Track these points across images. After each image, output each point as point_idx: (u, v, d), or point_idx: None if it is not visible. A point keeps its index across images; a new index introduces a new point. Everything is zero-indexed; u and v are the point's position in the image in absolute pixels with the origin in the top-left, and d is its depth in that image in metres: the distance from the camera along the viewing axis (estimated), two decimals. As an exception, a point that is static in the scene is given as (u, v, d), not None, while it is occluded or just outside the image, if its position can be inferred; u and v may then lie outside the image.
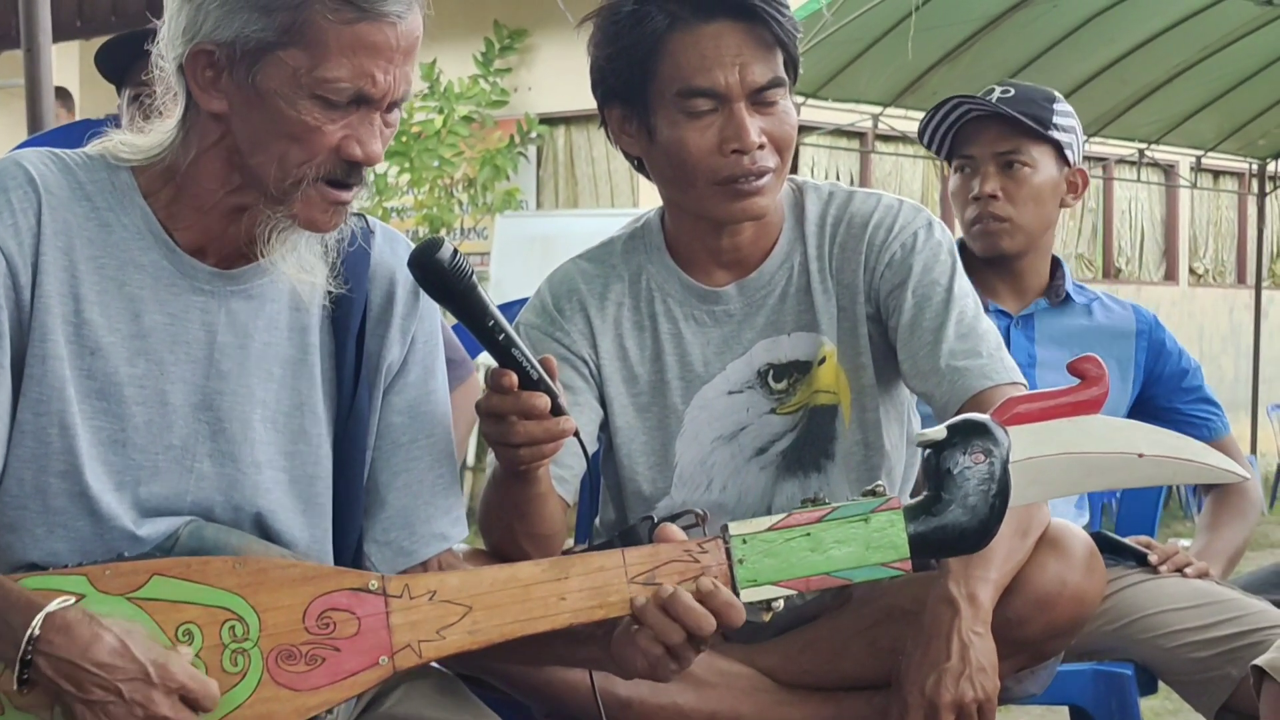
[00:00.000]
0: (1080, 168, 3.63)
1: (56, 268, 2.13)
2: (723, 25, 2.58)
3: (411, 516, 2.33)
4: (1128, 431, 2.31)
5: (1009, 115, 3.50)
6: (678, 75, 2.59)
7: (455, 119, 14.04)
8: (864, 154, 14.73)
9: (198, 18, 2.11)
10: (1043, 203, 3.54)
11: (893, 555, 2.16)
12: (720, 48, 2.58)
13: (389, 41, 2.11)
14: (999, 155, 3.53)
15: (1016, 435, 2.20)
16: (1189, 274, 17.81)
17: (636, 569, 2.13)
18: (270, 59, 2.09)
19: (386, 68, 2.11)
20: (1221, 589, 3.32)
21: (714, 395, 2.72)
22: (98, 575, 2.02)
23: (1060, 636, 2.65)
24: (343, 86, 2.10)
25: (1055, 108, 3.56)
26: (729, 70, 2.57)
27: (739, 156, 2.58)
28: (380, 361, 2.31)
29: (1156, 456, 2.28)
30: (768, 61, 2.59)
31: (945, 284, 2.65)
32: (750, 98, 2.59)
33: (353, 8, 2.08)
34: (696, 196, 2.65)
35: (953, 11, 10.84)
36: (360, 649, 2.07)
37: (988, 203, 3.50)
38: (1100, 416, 2.26)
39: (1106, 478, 2.30)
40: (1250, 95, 13.56)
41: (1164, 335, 3.65)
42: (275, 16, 2.08)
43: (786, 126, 2.62)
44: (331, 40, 2.08)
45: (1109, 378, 2.26)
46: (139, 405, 2.16)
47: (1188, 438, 2.36)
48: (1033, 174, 3.52)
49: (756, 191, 2.61)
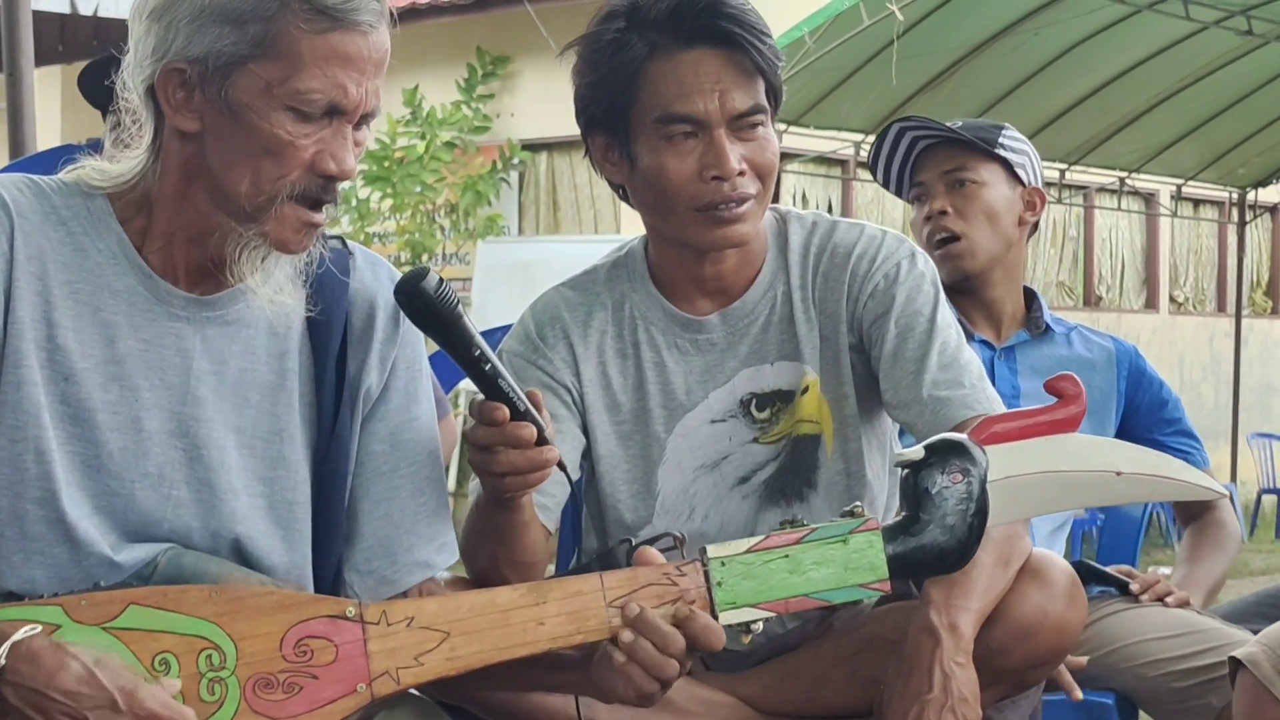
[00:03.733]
0: (1037, 188, 3.63)
1: (30, 293, 2.13)
2: (702, 52, 2.58)
3: (393, 545, 2.32)
4: (1106, 450, 2.32)
5: (955, 137, 3.53)
6: (658, 102, 2.60)
7: (438, 145, 14.05)
8: (845, 181, 14.75)
9: (168, 36, 2.11)
10: (996, 219, 3.54)
11: (871, 576, 2.16)
12: (700, 75, 2.58)
13: (361, 51, 2.12)
14: (946, 174, 3.54)
15: (994, 454, 2.20)
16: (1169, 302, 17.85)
17: (615, 593, 2.13)
18: (242, 73, 2.10)
19: (358, 79, 2.12)
20: (1202, 618, 3.33)
21: (696, 424, 2.72)
22: (73, 605, 2.01)
23: (1042, 666, 2.65)
24: (316, 98, 2.10)
25: (1004, 133, 3.59)
26: (708, 97, 2.58)
27: (719, 183, 2.59)
28: (359, 386, 2.30)
29: (1134, 474, 2.28)
30: (748, 88, 2.59)
31: (928, 314, 2.66)
32: (730, 124, 2.59)
33: (326, 17, 2.10)
34: (678, 223, 2.65)
35: (934, 40, 10.87)
36: (338, 676, 2.06)
37: (938, 219, 3.52)
38: (1078, 435, 2.26)
39: (1085, 496, 2.30)
40: (1230, 124, 13.61)
41: (1144, 365, 3.66)
42: (247, 29, 2.09)
43: (768, 154, 2.63)
44: (304, 51, 2.09)
45: (1086, 396, 2.26)
46: (113, 431, 2.15)
47: (1165, 455, 2.38)
48: (981, 189, 3.53)
49: (737, 218, 2.61)
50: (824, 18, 10.36)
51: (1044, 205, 3.65)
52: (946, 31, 10.97)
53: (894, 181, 3.65)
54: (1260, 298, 18.77)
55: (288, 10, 2.09)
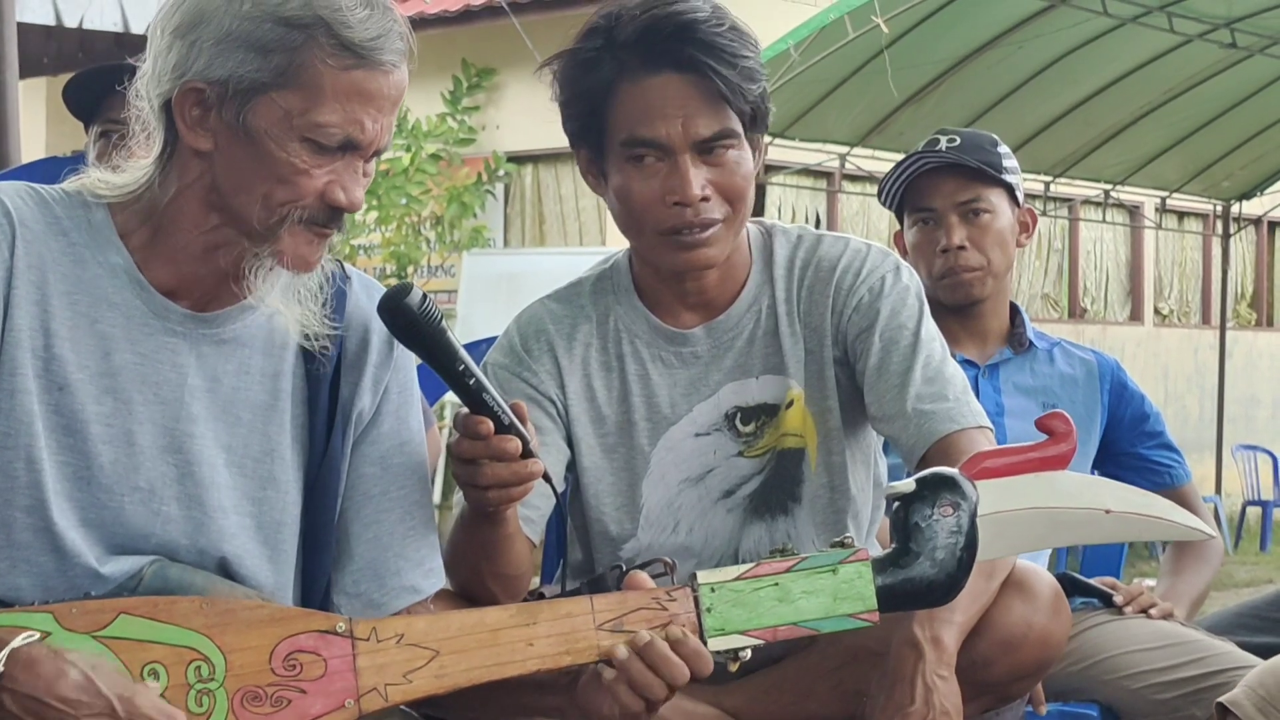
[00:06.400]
0: (1029, 207, 3.64)
1: (29, 302, 2.13)
2: (668, 77, 2.57)
3: (381, 569, 2.33)
4: (1095, 487, 2.33)
5: (966, 164, 3.51)
6: (624, 124, 2.60)
7: (423, 157, 14.03)
8: (831, 194, 14.76)
9: (190, 55, 2.12)
10: (1006, 246, 3.55)
11: (860, 606, 2.16)
12: (664, 99, 2.57)
13: (381, 90, 2.14)
14: (961, 205, 3.52)
15: (984, 489, 2.21)
16: (1154, 314, 17.87)
17: (604, 616, 2.14)
18: (262, 99, 2.11)
19: (376, 116, 2.14)
20: (1186, 630, 3.34)
21: (681, 437, 2.73)
22: (64, 613, 2.02)
23: (1026, 678, 2.65)
24: (333, 131, 2.12)
25: (1000, 151, 3.58)
26: (671, 122, 2.57)
27: (681, 208, 2.58)
28: (351, 409, 2.31)
29: (1123, 513, 2.30)
30: (714, 113, 2.57)
31: (912, 328, 2.66)
32: (696, 149, 2.58)
33: (351, 54, 2.11)
34: (646, 244, 2.66)
35: (919, 53, 10.89)
36: (326, 691, 2.06)
37: (957, 255, 3.50)
38: (1067, 472, 2.27)
39: (1073, 533, 2.32)
40: (1215, 137, 13.64)
41: (1126, 378, 3.67)
42: (272, 58, 2.10)
43: (736, 178, 2.61)
44: (327, 85, 2.11)
45: (1076, 433, 2.28)
46: (105, 444, 2.16)
47: (1154, 495, 2.38)
48: (993, 219, 3.53)
49: (700, 243, 2.61)
50: (809, 30, 10.37)
51: (1035, 225, 3.66)
52: (932, 44, 10.99)
53: (887, 195, 3.64)
54: (1245, 310, 18.80)
55: (314, 44, 2.10)
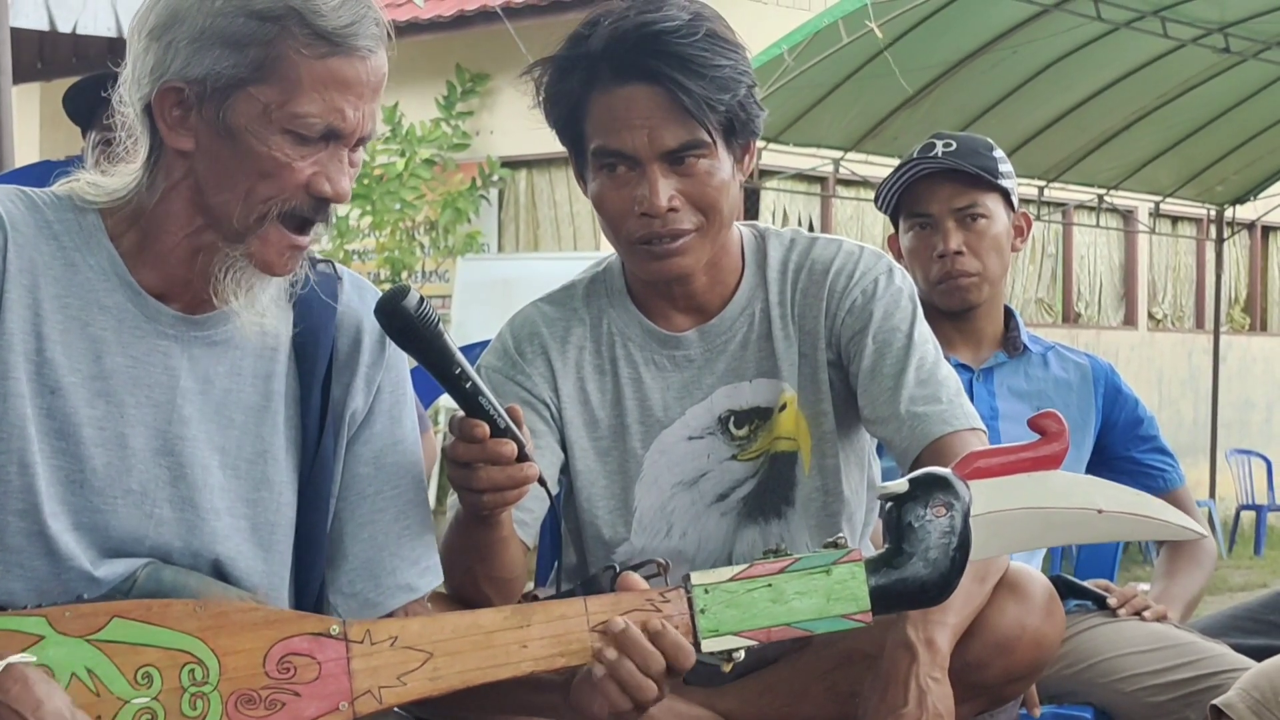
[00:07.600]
0: (1023, 212, 3.65)
1: (20, 305, 2.13)
2: (636, 89, 2.57)
3: (377, 569, 2.33)
4: (1087, 487, 2.33)
5: (963, 170, 3.51)
6: (595, 134, 2.60)
7: (417, 162, 14.05)
8: (825, 198, 14.78)
9: (166, 56, 2.12)
10: (1002, 251, 3.56)
11: (854, 607, 2.17)
12: (631, 111, 2.57)
13: (359, 76, 2.13)
14: (958, 210, 3.52)
15: (977, 489, 2.21)
16: (1148, 319, 17.88)
17: (598, 617, 2.14)
18: (241, 95, 2.11)
19: (356, 103, 2.14)
20: (1180, 633, 3.34)
21: (674, 440, 2.73)
22: (57, 617, 2.02)
23: (1019, 680, 2.65)
24: (314, 121, 2.12)
25: (996, 156, 3.58)
26: (637, 133, 2.56)
27: (649, 219, 2.59)
28: (344, 409, 2.31)
29: (1115, 513, 2.30)
30: (681, 125, 2.56)
31: (906, 330, 2.67)
32: (664, 159, 2.57)
33: (326, 42, 2.11)
34: (624, 252, 2.68)
35: (913, 57, 10.89)
36: (321, 694, 2.06)
37: (954, 260, 3.50)
38: (1060, 472, 2.28)
39: (1066, 533, 2.32)
40: (1208, 141, 13.66)
41: (1120, 382, 3.67)
42: (247, 52, 2.10)
43: (708, 189, 2.60)
44: (304, 75, 2.11)
45: (1069, 433, 2.28)
46: (98, 447, 2.16)
47: (1146, 495, 2.39)
48: (990, 224, 3.53)
49: (671, 253, 2.61)
50: (803, 35, 10.39)
51: (1030, 229, 3.66)
52: (925, 49, 11.00)
53: (884, 200, 3.64)
54: (1238, 314, 18.81)
55: (288, 35, 2.10)
